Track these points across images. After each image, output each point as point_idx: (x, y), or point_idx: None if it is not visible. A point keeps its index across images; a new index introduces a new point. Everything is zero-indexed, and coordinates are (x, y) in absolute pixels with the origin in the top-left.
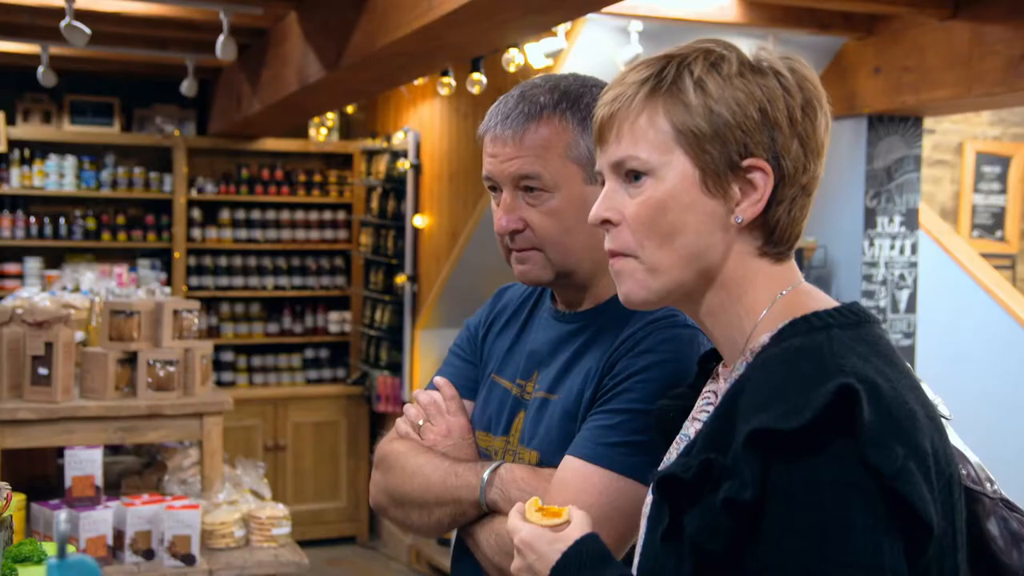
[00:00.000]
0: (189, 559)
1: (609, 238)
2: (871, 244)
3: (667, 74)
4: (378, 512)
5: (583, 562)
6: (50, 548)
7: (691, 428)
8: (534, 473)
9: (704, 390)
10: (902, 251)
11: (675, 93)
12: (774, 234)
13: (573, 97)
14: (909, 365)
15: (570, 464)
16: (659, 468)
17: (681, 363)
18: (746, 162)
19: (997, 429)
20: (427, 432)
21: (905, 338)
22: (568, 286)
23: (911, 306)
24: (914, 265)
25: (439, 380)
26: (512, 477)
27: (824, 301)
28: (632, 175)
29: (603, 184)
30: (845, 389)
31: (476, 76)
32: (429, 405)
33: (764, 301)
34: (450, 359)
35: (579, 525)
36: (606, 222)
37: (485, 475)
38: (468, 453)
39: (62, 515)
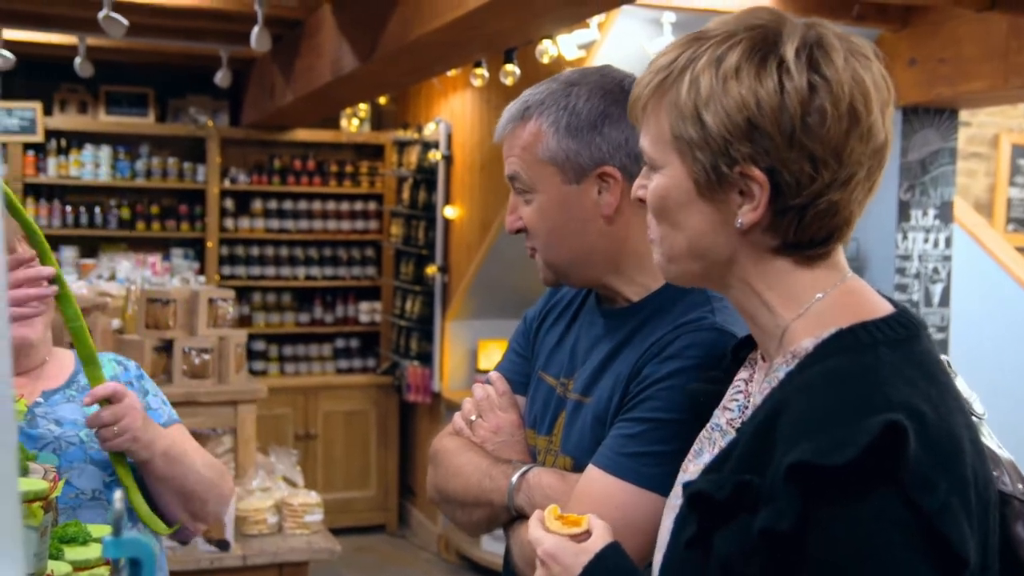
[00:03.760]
0: (223, 544)
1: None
2: (905, 237)
3: (675, 67)
4: (435, 505)
5: (606, 572)
6: (94, 530)
7: (722, 417)
8: (561, 479)
9: (736, 378)
10: (936, 244)
11: (675, 93)
12: (789, 238)
13: (557, 96)
14: (952, 377)
15: (591, 475)
16: (688, 457)
17: (706, 368)
18: (735, 170)
19: None
20: (478, 428)
21: (938, 332)
22: (582, 287)
23: (944, 300)
24: (948, 259)
25: (493, 375)
26: (539, 483)
27: (874, 304)
28: (650, 163)
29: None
30: (893, 426)
31: (509, 67)
32: (482, 400)
33: (794, 301)
34: (507, 353)
35: (601, 535)
36: (641, 200)
37: (514, 479)
38: (517, 450)
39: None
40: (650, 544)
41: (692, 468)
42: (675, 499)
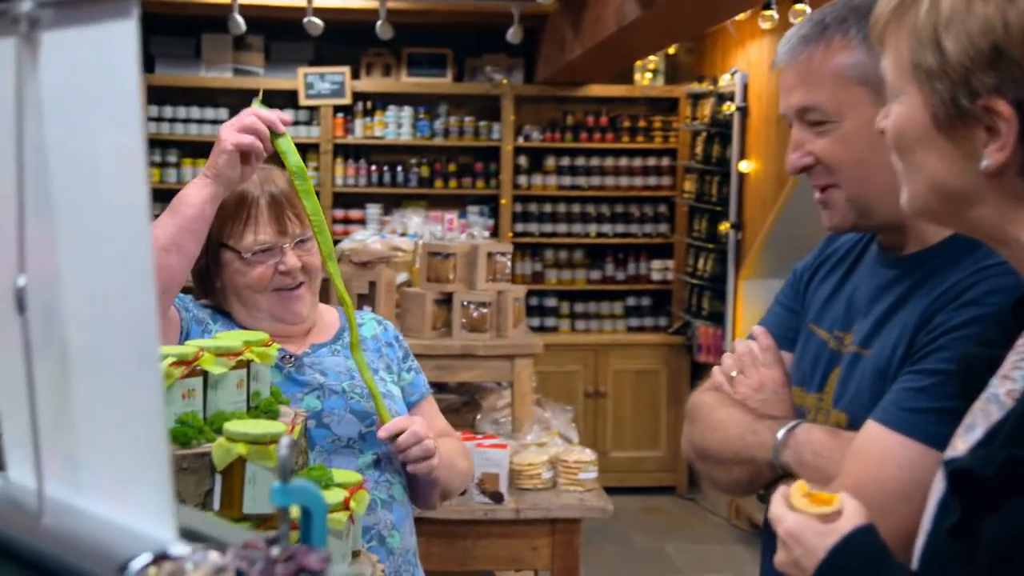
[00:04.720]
0: (497, 497)
1: None
2: None
3: None
4: (689, 463)
5: (852, 559)
6: (339, 475)
7: (1001, 387)
8: (833, 436)
9: (1018, 343)
10: None
11: (914, 14)
12: None
13: (862, 12)
14: None
15: (871, 430)
16: (957, 433)
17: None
18: (978, 104)
19: None
20: (739, 384)
21: None
22: (882, 229)
23: None
24: None
25: (757, 329)
26: (808, 439)
27: None
28: (890, 92)
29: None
30: None
31: (800, 7)
32: (744, 356)
33: None
34: (773, 307)
35: (852, 515)
36: (883, 131)
37: (780, 435)
38: (781, 408)
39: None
40: None
41: (961, 445)
42: (939, 481)
